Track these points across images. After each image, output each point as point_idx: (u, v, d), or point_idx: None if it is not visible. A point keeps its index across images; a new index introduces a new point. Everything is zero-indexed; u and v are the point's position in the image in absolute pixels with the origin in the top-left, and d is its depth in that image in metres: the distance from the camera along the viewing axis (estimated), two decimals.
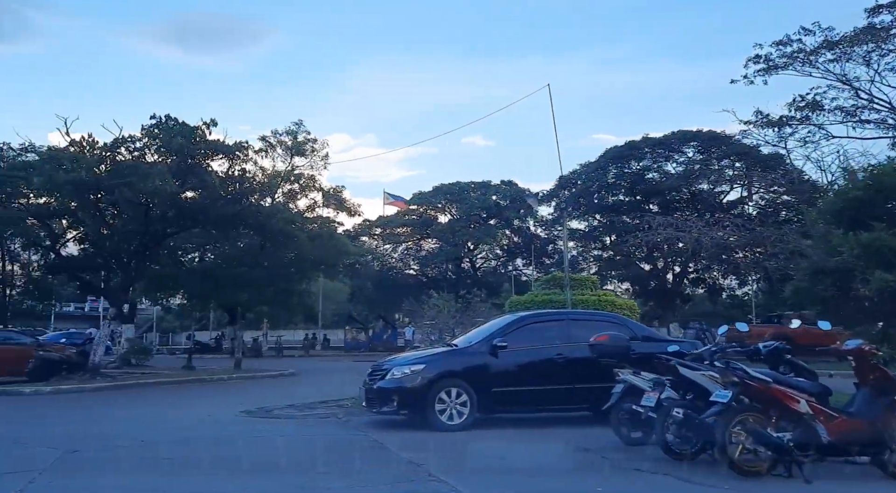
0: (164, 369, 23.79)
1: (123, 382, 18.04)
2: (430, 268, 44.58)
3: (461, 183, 42.99)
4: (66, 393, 16.20)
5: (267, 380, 20.16)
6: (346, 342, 44.27)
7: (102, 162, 16.99)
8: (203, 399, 15.02)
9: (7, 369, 19.71)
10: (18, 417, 12.00)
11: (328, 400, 13.73)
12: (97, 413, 12.35)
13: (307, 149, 21.48)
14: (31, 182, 19.28)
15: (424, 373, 9.58)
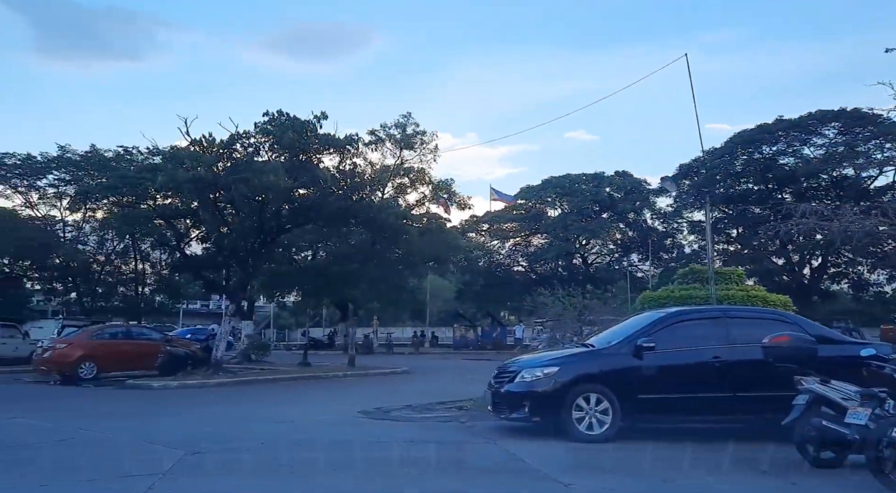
0: (282, 364, 24.14)
1: (244, 377, 18.23)
2: (540, 264, 43.18)
3: (571, 175, 41.24)
4: (191, 388, 16.51)
5: (380, 378, 19.79)
6: (455, 340, 43.78)
7: (220, 160, 17.18)
8: (320, 398, 14.72)
9: (140, 363, 20.64)
10: (146, 411, 12.09)
11: (446, 401, 12.99)
12: (219, 410, 12.24)
13: (416, 141, 20.93)
14: (155, 182, 19.99)
15: (559, 376, 8.50)
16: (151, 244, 28.94)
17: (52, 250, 26.78)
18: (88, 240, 29.92)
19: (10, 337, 26.77)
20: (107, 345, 20.42)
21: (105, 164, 27.48)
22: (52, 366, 19.71)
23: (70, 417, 11.37)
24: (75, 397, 15.19)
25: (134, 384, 16.75)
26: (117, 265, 30.67)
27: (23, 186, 27.62)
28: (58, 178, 27.84)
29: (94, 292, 29.47)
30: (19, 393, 16.18)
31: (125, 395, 15.65)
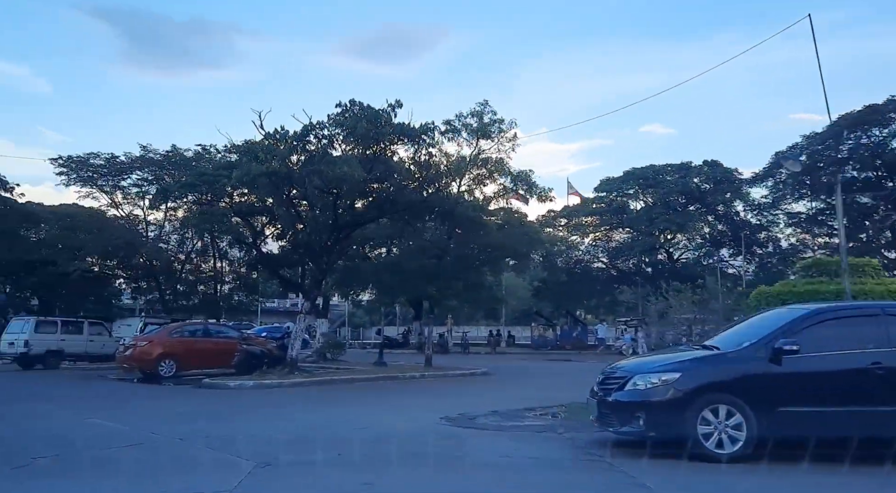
0: (357, 364, 23.58)
1: (319, 377, 17.66)
2: (621, 260, 41.15)
3: (656, 166, 38.97)
4: (267, 388, 16.03)
5: (459, 379, 18.80)
6: (533, 339, 42.33)
7: (293, 152, 16.64)
8: (398, 400, 13.85)
9: (218, 361, 20.50)
10: (220, 413, 11.54)
11: (534, 407, 11.83)
12: (294, 413, 11.56)
13: (493, 130, 19.81)
14: (231, 179, 19.77)
15: (680, 384, 7.20)
16: (229, 243, 29.11)
17: (137, 248, 27.29)
18: (170, 239, 30.47)
19: (97, 335, 27.48)
20: (186, 343, 20.41)
21: (185, 163, 27.81)
22: (132, 364, 19.82)
23: (145, 418, 10.95)
24: (153, 397, 14.96)
25: (210, 383, 16.45)
26: (197, 264, 31.11)
27: (108, 186, 28.34)
28: (140, 177, 28.41)
29: (176, 290, 29.98)
30: (100, 391, 16.17)
31: (201, 394, 15.31)
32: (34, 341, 25.55)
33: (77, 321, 27.62)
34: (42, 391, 15.72)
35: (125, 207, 29.58)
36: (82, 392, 15.70)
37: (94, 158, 27.07)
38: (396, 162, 17.39)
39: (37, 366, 25.46)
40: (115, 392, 15.89)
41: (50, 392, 15.49)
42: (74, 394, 15.18)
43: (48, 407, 12.49)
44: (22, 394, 15.48)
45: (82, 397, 14.49)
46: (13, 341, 25.82)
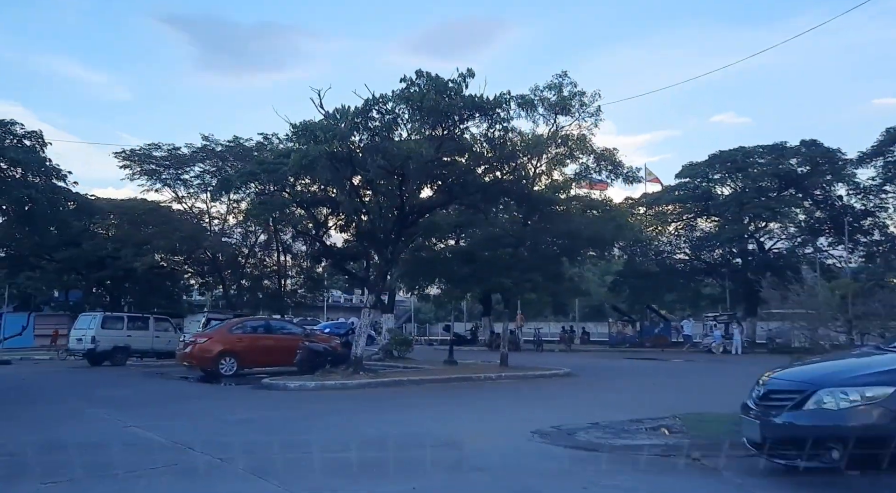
0: (426, 362, 21.98)
1: (387, 377, 16.07)
2: (706, 251, 37.99)
3: (745, 148, 35.61)
4: (330, 390, 14.56)
5: (541, 381, 16.84)
6: (611, 336, 39.74)
7: (355, 130, 15.06)
8: (478, 406, 12.03)
9: (280, 358, 19.31)
10: (278, 421, 10.05)
11: (642, 419, 9.79)
12: (361, 422, 9.94)
13: (574, 105, 17.68)
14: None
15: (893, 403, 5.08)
16: (293, 236, 28.09)
17: (199, 242, 26.62)
18: (233, 232, 29.75)
19: (163, 331, 26.98)
20: (247, 339, 19.31)
21: (246, 153, 26.96)
22: (192, 361, 18.83)
23: (191, 426, 9.57)
24: (207, 399, 13.71)
25: (269, 384, 15.12)
26: (261, 258, 30.30)
27: (170, 179, 27.81)
28: (203, 169, 27.73)
29: (241, 285, 29.25)
30: (155, 392, 15.10)
31: (258, 397, 13.98)
32: (101, 337, 25.19)
33: (143, 317, 27.23)
34: (94, 391, 14.79)
35: (188, 200, 29.01)
36: (135, 392, 14.66)
37: (156, 150, 26.53)
38: (468, 140, 15.59)
39: (105, 363, 25.13)
40: (170, 393, 14.78)
41: (101, 392, 14.51)
42: (125, 395, 14.13)
43: (93, 410, 11.34)
44: (74, 393, 14.60)
45: (132, 399, 13.39)
46: (81, 337, 25.57)
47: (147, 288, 32.27)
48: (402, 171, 14.96)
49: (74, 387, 16.61)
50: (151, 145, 26.37)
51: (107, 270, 29.70)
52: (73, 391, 15.37)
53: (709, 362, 26.06)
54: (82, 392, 14.97)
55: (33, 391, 15.32)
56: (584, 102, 17.88)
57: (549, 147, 16.97)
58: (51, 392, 15.18)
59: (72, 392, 15.14)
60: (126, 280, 30.42)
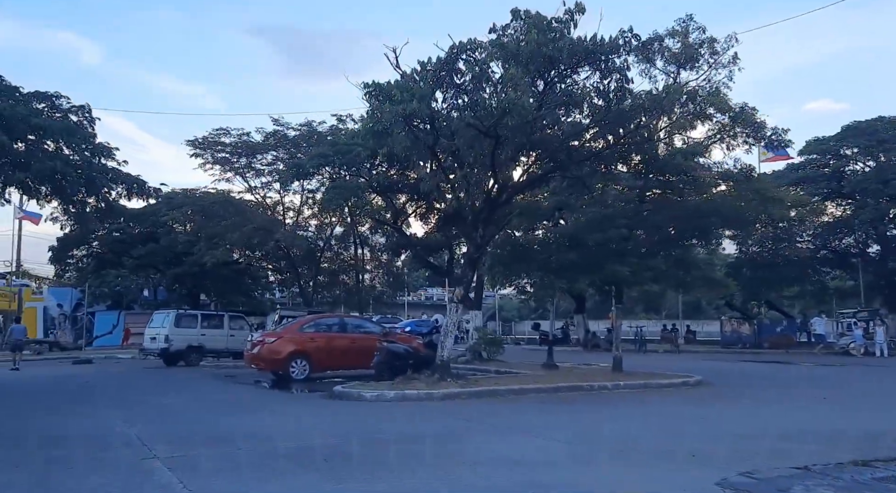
0: (519, 365, 19.16)
1: (479, 386, 13.33)
2: (835, 238, 32.98)
3: (885, 119, 30.50)
4: (412, 401, 11.98)
5: (670, 392, 13.62)
6: (724, 336, 35.38)
7: (438, 87, 12.40)
8: (604, 432, 9.03)
9: (356, 360, 17.09)
10: (347, 453, 7.52)
11: (868, 461, 6.62)
12: (455, 454, 7.25)
13: (702, 53, 14.29)
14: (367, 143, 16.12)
15: None
16: (370, 228, 25.88)
17: (272, 234, 24.85)
18: (308, 225, 27.89)
19: (238, 329, 25.46)
20: (320, 339, 17.15)
21: (320, 140, 24.99)
22: (260, 364, 16.83)
23: (232, 459, 7.20)
24: (269, 411, 11.42)
25: (343, 393, 12.72)
26: (337, 251, 28.28)
27: (242, 168, 26.16)
28: (276, 157, 25.93)
29: (317, 280, 27.35)
30: (212, 400, 12.98)
31: (329, 409, 11.58)
32: (174, 337, 23.88)
33: (217, 315, 25.83)
34: (146, 397, 12.85)
35: (261, 191, 27.35)
36: (191, 400, 12.61)
37: (225, 136, 24.92)
38: (577, 94, 12.60)
39: (179, 363, 23.83)
40: (229, 402, 12.64)
41: (153, 399, 12.54)
42: (177, 404, 12.07)
43: (123, 430, 9.20)
44: (122, 398, 12.75)
45: (182, 410, 11.29)
46: (155, 336, 24.38)
47: (226, 285, 31.07)
48: (496, 132, 12.14)
49: (127, 390, 14.89)
50: (220, 130, 24.82)
51: (183, 266, 28.63)
52: (122, 396, 13.58)
53: (855, 366, 21.85)
54: (133, 397, 13.11)
55: (77, 395, 13.63)
56: (715, 49, 14.44)
57: (673, 105, 13.66)
58: (96, 396, 13.41)
59: (120, 397, 13.33)
60: (204, 277, 29.22)
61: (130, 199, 14.73)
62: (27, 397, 14.03)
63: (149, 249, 29.22)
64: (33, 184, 11.98)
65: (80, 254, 31.22)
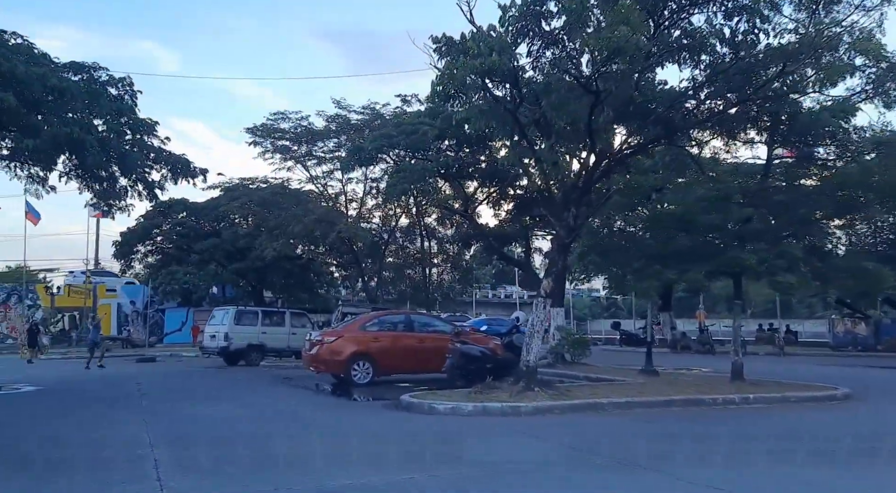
0: (610, 369, 16.72)
1: (574, 397, 11.02)
2: None
3: None
4: (498, 416, 9.84)
5: (820, 409, 10.90)
6: (835, 336, 31.52)
7: (522, 36, 10.17)
8: (771, 473, 6.57)
9: (425, 363, 15.13)
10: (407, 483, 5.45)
11: None
12: None
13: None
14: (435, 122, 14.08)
15: None
16: (437, 218, 23.88)
17: (333, 225, 23.21)
18: (372, 216, 26.12)
19: (300, 327, 23.99)
20: (384, 338, 15.28)
21: (385, 125, 23.17)
22: (319, 366, 15.09)
23: None
24: (320, 427, 9.50)
25: (410, 403, 10.71)
26: (402, 244, 26.39)
27: (302, 156, 24.60)
28: (337, 144, 24.26)
29: (381, 275, 25.56)
30: (263, 410, 11.16)
31: (393, 425, 9.58)
32: (234, 335, 22.62)
33: (278, 312, 24.45)
34: (190, 405, 11.21)
35: (322, 181, 25.75)
36: (238, 411, 10.86)
37: (283, 120, 23.37)
38: (696, 37, 10.11)
39: (240, 362, 22.56)
40: (282, 415, 10.82)
41: (192, 410, 10.84)
42: (223, 416, 10.32)
43: (143, 454, 7.44)
44: (166, 405, 11.19)
45: (225, 424, 9.52)
46: (214, 334, 23.20)
47: (289, 281, 29.80)
48: (597, 85, 9.81)
49: (175, 394, 13.37)
50: (277, 114, 23.26)
51: (245, 261, 27.49)
52: (166, 401, 12.03)
53: None
54: (177, 404, 11.52)
55: (119, 399, 12.16)
56: None
57: (807, 55, 10.93)
58: (139, 401, 11.91)
59: (163, 402, 11.79)
60: (266, 272, 27.98)
61: (176, 181, 13.19)
62: (62, 398, 12.74)
63: (210, 243, 28.21)
64: (47, 154, 10.47)
65: (144, 250, 30.58)
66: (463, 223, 22.27)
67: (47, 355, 27.84)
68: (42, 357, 26.15)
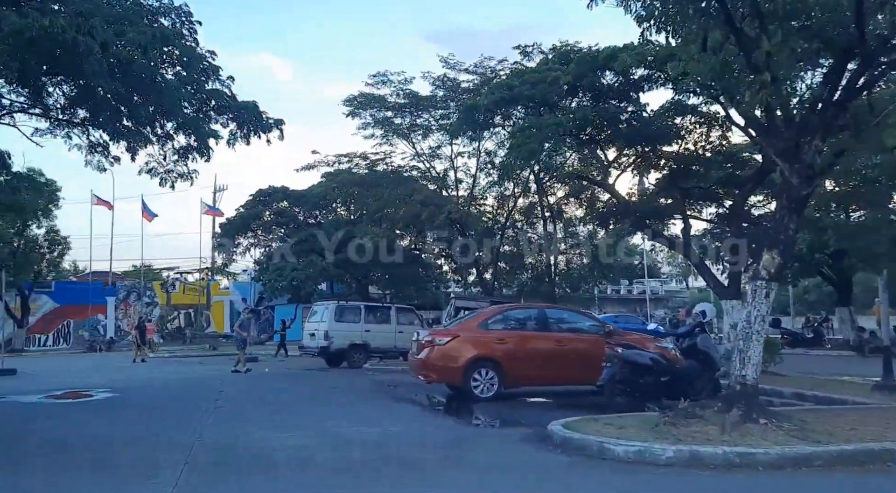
0: (822, 383, 12.30)
1: (826, 438, 6.85)
2: None
3: None
4: (714, 473, 5.93)
5: None
6: None
7: None
8: None
9: (567, 372, 11.50)
10: None
11: None
12: None
13: None
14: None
15: None
16: (565, 195, 19.95)
17: (440, 206, 19.90)
18: (486, 196, 22.53)
19: (408, 324, 20.98)
20: (512, 340, 11.72)
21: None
22: (430, 374, 11.69)
23: None
24: (437, 483, 6.01)
25: (567, 439, 7.01)
26: (522, 228, 22.59)
27: (404, 127, 21.37)
28: (445, 113, 20.86)
29: (497, 265, 21.94)
30: (357, 442, 7.85)
31: (553, 480, 5.91)
32: (335, 333, 19.96)
33: (384, 308, 21.56)
34: (259, 428, 8.09)
35: (428, 159, 22.42)
36: (317, 436, 7.63)
37: (384, 83, 20.13)
38: None
39: (342, 364, 19.91)
40: (364, 445, 7.45)
41: (269, 434, 7.71)
42: (290, 444, 7.09)
43: None
44: (231, 424, 8.15)
45: (288, 463, 6.27)
46: (314, 332, 20.65)
47: (394, 273, 26.96)
48: None
49: (248, 409, 10.41)
50: (378, 76, 20.00)
51: (345, 251, 24.86)
52: (235, 419, 9.05)
53: None
54: (238, 426, 8.45)
55: (173, 413, 9.35)
56: None
57: None
58: (192, 420, 8.86)
59: (228, 421, 8.82)
60: (368, 264, 25.22)
61: (248, 137, 10.27)
62: (122, 410, 10.14)
63: (311, 232, 25.91)
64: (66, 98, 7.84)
65: (246, 243, 28.85)
66: (594, 198, 18.37)
67: (158, 353, 26.91)
68: (151, 355, 25.13)
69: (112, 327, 36.90)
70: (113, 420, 9.66)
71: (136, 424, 9.14)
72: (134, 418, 9.76)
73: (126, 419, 9.66)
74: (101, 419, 9.82)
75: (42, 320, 35.29)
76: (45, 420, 9.73)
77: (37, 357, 28.72)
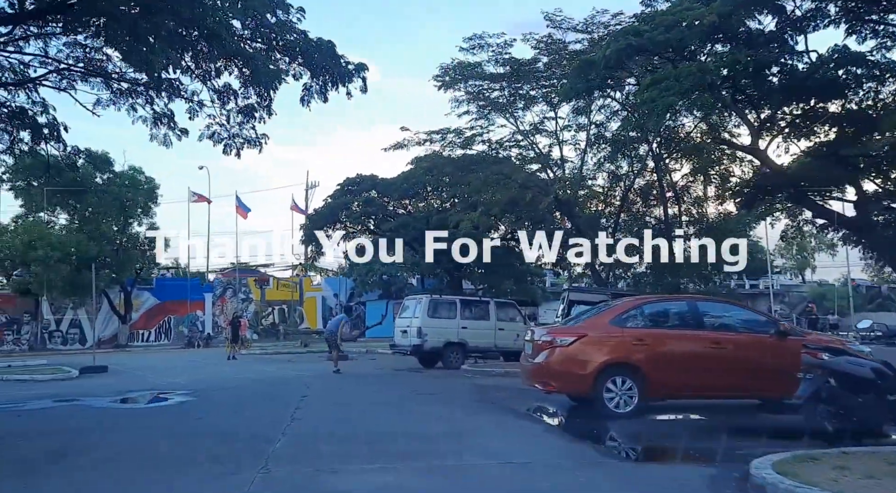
0: None
1: None
2: None
3: None
4: None
5: None
6: None
7: None
8: None
9: (733, 382, 8.96)
10: None
11: None
12: None
13: None
14: None
15: None
16: (694, 165, 16.98)
17: (549, 191, 17.42)
18: (596, 176, 19.76)
19: (508, 321, 18.74)
20: (655, 340, 9.22)
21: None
22: (550, 383, 9.32)
23: None
24: None
25: (788, 490, 4.51)
26: (639, 210, 19.64)
27: (503, 99, 18.92)
28: (548, 83, 18.30)
29: (612, 253, 19.18)
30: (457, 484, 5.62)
31: None
32: (428, 329, 17.96)
33: (482, 302, 19.32)
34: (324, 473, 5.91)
35: (531, 135, 19.86)
36: (410, 476, 5.49)
37: (480, 49, 17.69)
38: None
39: (437, 364, 17.95)
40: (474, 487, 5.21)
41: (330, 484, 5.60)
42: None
43: None
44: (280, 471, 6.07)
45: None
46: (406, 329, 18.71)
47: (491, 263, 24.70)
48: None
49: (328, 421, 8.40)
50: (472, 40, 17.54)
51: (439, 241, 22.87)
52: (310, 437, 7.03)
53: None
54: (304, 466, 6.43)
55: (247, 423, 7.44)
56: None
57: None
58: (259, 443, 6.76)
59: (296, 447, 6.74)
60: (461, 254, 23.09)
61: (325, 91, 8.30)
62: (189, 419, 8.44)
63: (400, 221, 24.15)
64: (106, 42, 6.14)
65: (335, 235, 27.46)
66: (727, 175, 15.35)
67: (250, 350, 26.17)
68: (244, 352, 24.34)
69: (210, 323, 36.96)
70: (167, 436, 7.95)
71: (195, 447, 7.34)
72: (191, 439, 8.02)
73: (182, 439, 7.92)
74: (153, 437, 8.12)
75: (144, 316, 35.72)
76: (101, 434, 8.20)
77: (138, 353, 28.71)
